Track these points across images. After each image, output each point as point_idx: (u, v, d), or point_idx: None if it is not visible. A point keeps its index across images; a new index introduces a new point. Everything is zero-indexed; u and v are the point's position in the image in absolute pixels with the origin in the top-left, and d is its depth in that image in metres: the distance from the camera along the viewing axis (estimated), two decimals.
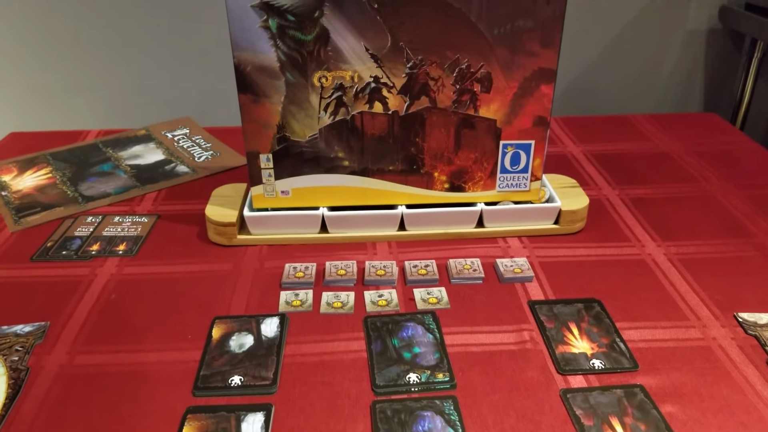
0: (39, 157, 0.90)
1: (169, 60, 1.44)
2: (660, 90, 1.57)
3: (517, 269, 0.64)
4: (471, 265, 0.64)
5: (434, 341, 0.55)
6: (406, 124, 0.66)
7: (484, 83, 0.65)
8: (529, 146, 0.68)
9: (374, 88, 0.65)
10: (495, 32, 0.62)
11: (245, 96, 0.65)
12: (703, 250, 0.68)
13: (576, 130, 0.97)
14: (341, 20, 0.61)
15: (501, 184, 0.70)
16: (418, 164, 0.68)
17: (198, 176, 0.85)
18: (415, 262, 0.65)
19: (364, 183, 0.69)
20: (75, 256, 0.68)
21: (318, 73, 0.64)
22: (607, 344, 0.55)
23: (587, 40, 1.47)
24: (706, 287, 0.62)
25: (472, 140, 0.68)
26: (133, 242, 0.71)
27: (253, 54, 0.63)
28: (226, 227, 0.68)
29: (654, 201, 0.78)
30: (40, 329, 0.57)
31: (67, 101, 1.47)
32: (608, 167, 0.86)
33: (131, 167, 0.87)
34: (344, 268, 0.64)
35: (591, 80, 1.53)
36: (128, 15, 1.39)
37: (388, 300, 0.60)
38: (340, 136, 0.67)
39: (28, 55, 1.42)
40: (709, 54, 1.53)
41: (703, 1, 1.46)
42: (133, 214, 0.76)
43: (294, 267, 0.65)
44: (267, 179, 0.69)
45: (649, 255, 0.67)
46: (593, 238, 0.70)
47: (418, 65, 0.64)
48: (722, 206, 0.77)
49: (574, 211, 0.70)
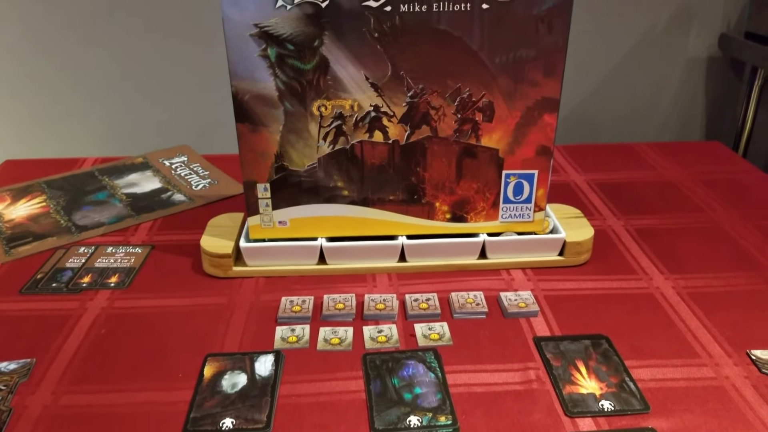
0: (33, 185, 0.89)
1: (169, 87, 1.44)
2: (661, 118, 1.56)
3: (522, 303, 0.62)
4: (474, 299, 0.62)
5: (436, 381, 0.53)
6: (406, 154, 0.65)
7: (486, 112, 0.64)
8: (533, 176, 0.67)
9: (374, 117, 0.63)
10: (497, 61, 0.61)
11: (243, 125, 0.63)
12: (712, 283, 0.66)
13: (578, 159, 0.96)
14: (341, 49, 0.60)
15: (504, 215, 0.68)
16: (419, 194, 0.67)
17: (195, 205, 0.83)
18: (416, 296, 0.63)
19: (364, 213, 0.67)
20: (65, 289, 0.66)
21: (317, 102, 0.63)
22: (617, 384, 0.53)
23: (586, 68, 1.47)
24: (717, 323, 0.60)
25: (474, 170, 0.66)
26: (126, 274, 0.69)
27: (251, 83, 0.61)
28: (221, 259, 0.67)
29: (660, 232, 0.76)
30: (26, 367, 0.55)
31: (66, 128, 1.46)
32: (612, 197, 0.84)
33: (127, 196, 0.86)
34: (343, 302, 0.62)
35: (591, 108, 1.52)
36: (128, 43, 1.39)
37: (388, 336, 0.58)
38: (340, 166, 0.65)
39: (28, 82, 1.41)
40: (710, 82, 1.53)
41: (703, 29, 1.46)
42: (126, 245, 0.74)
43: (290, 301, 0.63)
44: (264, 209, 0.67)
45: (657, 288, 0.65)
46: (599, 271, 0.68)
47: (418, 94, 0.62)
48: (730, 237, 0.75)
49: (579, 243, 0.68)
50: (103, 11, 1.36)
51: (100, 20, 1.36)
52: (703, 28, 1.46)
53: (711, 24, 1.46)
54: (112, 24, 1.37)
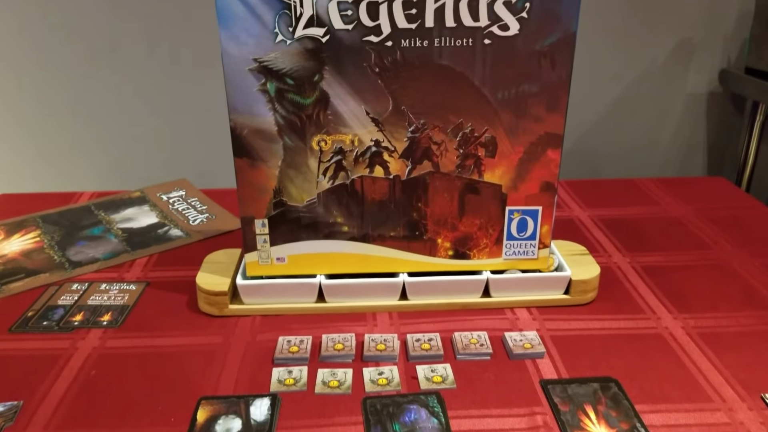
0: (28, 219, 0.87)
1: (169, 121, 1.44)
2: (662, 152, 1.56)
3: (527, 344, 0.60)
4: (478, 339, 0.60)
5: (439, 427, 0.50)
6: (408, 189, 0.64)
7: (489, 148, 0.63)
8: (537, 212, 0.65)
9: (375, 152, 0.62)
10: (499, 96, 0.60)
11: (241, 160, 0.62)
12: (722, 323, 0.64)
13: (582, 194, 0.94)
14: (341, 84, 0.59)
15: (507, 252, 0.67)
16: (420, 230, 0.65)
17: (192, 240, 0.82)
18: (418, 336, 0.61)
19: (364, 249, 0.66)
20: (56, 327, 0.64)
21: (317, 137, 0.62)
22: (628, 430, 0.50)
23: (587, 104, 1.47)
24: (729, 364, 0.58)
25: (476, 206, 0.65)
26: (119, 312, 0.67)
27: (250, 117, 0.60)
28: (217, 296, 0.65)
29: (667, 269, 0.74)
30: (12, 410, 0.53)
31: (65, 162, 1.45)
32: (617, 233, 0.83)
33: (123, 231, 0.84)
34: (342, 342, 0.60)
35: (592, 143, 1.52)
36: (128, 77, 1.39)
37: (389, 378, 0.56)
38: (340, 201, 0.64)
39: (27, 116, 1.41)
40: (711, 117, 1.53)
41: (703, 65, 1.47)
42: (121, 282, 0.73)
43: (288, 341, 0.61)
44: (262, 245, 0.65)
45: (666, 328, 0.63)
46: (606, 310, 0.66)
47: (420, 129, 0.61)
48: (739, 275, 0.73)
49: (585, 281, 0.66)
50: (103, 46, 1.36)
51: (100, 55, 1.37)
52: (702, 64, 1.47)
53: (711, 59, 1.47)
54: (112, 59, 1.38)
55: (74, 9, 1.33)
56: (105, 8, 1.33)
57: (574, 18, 0.58)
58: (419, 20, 0.57)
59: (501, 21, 0.58)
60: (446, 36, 0.58)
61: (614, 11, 1.40)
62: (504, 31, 0.58)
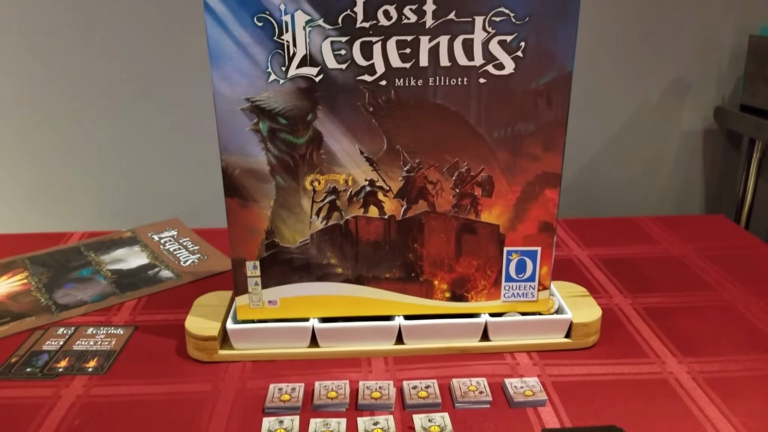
0: (16, 261, 0.85)
1: (162, 160, 1.43)
2: (659, 190, 1.55)
3: (528, 391, 0.57)
4: (477, 386, 0.58)
5: None
6: (403, 229, 0.62)
7: (485, 187, 0.61)
8: (535, 253, 0.64)
9: (369, 192, 0.61)
10: (495, 135, 0.60)
11: (232, 200, 0.61)
12: (729, 367, 0.62)
13: (580, 233, 0.93)
14: (335, 123, 0.58)
15: (506, 294, 0.65)
16: (416, 272, 0.64)
17: (182, 282, 0.80)
18: (415, 383, 0.59)
19: (359, 292, 0.64)
20: (40, 374, 0.62)
21: (310, 177, 0.60)
22: None
23: (582, 142, 1.47)
24: (738, 411, 0.56)
25: (474, 246, 0.63)
26: (105, 358, 0.65)
27: (241, 157, 0.59)
28: (206, 341, 0.63)
29: (670, 311, 0.72)
30: None
31: (56, 202, 1.44)
32: (618, 273, 0.81)
33: (112, 272, 0.82)
34: (335, 390, 0.58)
35: (588, 182, 1.51)
36: (120, 115, 1.39)
37: (384, 428, 0.53)
38: (333, 242, 0.62)
39: (18, 155, 1.40)
40: (707, 153, 1.53)
41: (698, 102, 1.48)
42: (108, 325, 0.70)
43: (279, 388, 0.58)
44: (253, 288, 0.64)
45: (671, 374, 0.61)
46: (609, 354, 0.64)
47: (415, 168, 0.60)
48: (744, 317, 0.71)
49: (587, 324, 0.64)
50: (95, 87, 1.36)
51: (93, 95, 1.37)
52: (697, 101, 1.47)
53: (705, 97, 1.47)
54: (105, 99, 1.38)
55: (67, 50, 1.33)
56: (97, 49, 1.33)
57: (569, 57, 0.57)
58: (413, 59, 0.57)
59: (496, 60, 0.57)
60: (441, 75, 0.57)
61: (608, 49, 1.41)
62: (499, 70, 0.57)
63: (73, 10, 1.30)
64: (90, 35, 1.32)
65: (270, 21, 0.55)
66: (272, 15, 0.55)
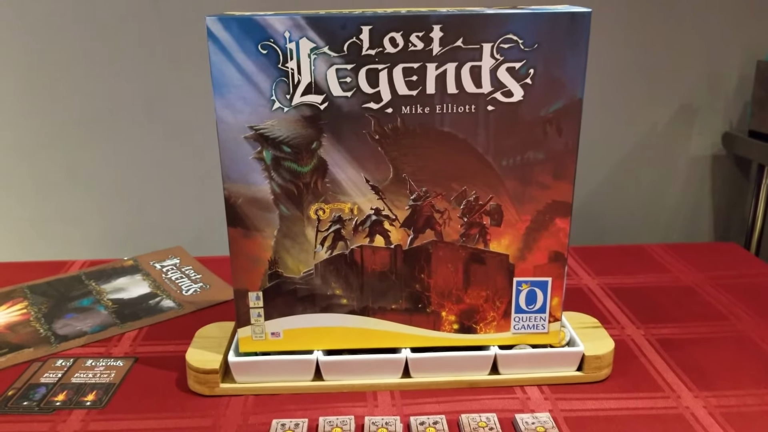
0: (16, 290, 0.84)
1: (165, 188, 1.42)
2: (668, 216, 1.54)
3: (540, 428, 0.55)
4: (487, 422, 0.56)
5: None
6: (410, 259, 0.61)
7: (494, 216, 0.60)
8: (546, 284, 0.62)
9: (375, 221, 0.60)
10: (503, 164, 0.58)
11: (235, 230, 0.60)
12: (746, 401, 0.60)
13: (589, 261, 0.91)
14: (340, 151, 0.57)
15: (516, 326, 0.63)
16: (423, 303, 0.62)
17: (184, 312, 0.78)
18: (422, 418, 0.57)
19: (364, 323, 0.62)
20: (36, 409, 0.60)
21: (315, 206, 0.59)
22: None
23: (590, 169, 1.46)
24: None
25: (482, 277, 0.62)
26: (104, 391, 0.63)
27: (245, 186, 0.58)
28: (207, 375, 0.61)
29: (683, 342, 0.70)
30: None
31: (57, 230, 1.43)
32: (629, 303, 0.79)
33: (113, 302, 0.81)
34: (340, 426, 0.56)
35: (596, 209, 1.50)
36: (123, 143, 1.39)
37: None
38: (338, 272, 0.61)
39: (19, 181, 1.40)
40: (716, 180, 1.51)
41: (706, 128, 1.47)
42: (108, 357, 0.69)
43: (282, 424, 0.56)
44: (256, 320, 0.62)
45: (687, 408, 0.59)
46: (622, 388, 0.62)
47: (422, 197, 0.59)
48: (760, 349, 0.69)
49: (599, 357, 0.62)
50: (98, 113, 1.36)
51: (95, 121, 1.37)
52: (705, 127, 1.46)
53: (713, 122, 1.46)
54: (108, 126, 1.37)
55: (69, 74, 1.33)
56: (101, 73, 1.34)
57: (579, 84, 0.56)
58: (420, 87, 0.56)
59: (504, 87, 0.56)
60: (448, 103, 0.56)
61: (615, 76, 1.40)
62: (508, 98, 0.57)
63: (79, 37, 1.31)
64: (93, 62, 1.33)
65: (274, 48, 0.55)
66: (276, 42, 0.54)
